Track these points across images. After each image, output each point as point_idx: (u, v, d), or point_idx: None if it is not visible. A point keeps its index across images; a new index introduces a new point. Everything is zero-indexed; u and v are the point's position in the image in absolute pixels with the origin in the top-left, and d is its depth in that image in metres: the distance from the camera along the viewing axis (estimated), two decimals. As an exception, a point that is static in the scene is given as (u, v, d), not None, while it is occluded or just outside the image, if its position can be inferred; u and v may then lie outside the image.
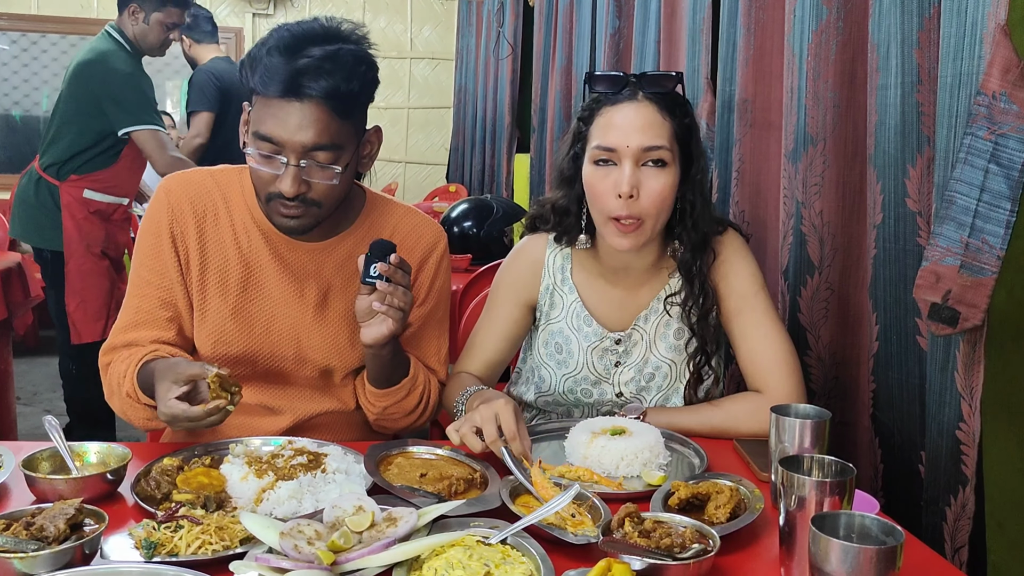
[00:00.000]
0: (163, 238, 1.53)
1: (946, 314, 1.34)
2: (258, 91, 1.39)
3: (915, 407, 1.50)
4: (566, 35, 3.83)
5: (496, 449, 1.33)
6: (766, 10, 1.99)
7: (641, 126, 1.52)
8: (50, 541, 1.02)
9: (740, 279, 1.62)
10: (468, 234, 3.54)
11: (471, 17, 6.32)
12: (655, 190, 1.52)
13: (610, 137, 1.53)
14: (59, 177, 3.33)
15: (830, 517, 0.98)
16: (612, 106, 1.56)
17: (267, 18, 6.83)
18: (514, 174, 5.13)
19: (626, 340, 1.65)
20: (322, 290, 1.57)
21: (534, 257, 1.71)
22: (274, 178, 1.41)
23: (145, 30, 3.40)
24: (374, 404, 1.58)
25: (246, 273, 1.54)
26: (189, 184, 1.56)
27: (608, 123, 1.55)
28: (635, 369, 1.65)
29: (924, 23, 1.43)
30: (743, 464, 1.44)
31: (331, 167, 1.41)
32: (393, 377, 1.55)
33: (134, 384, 1.43)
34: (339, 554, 1.01)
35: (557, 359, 1.68)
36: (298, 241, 1.55)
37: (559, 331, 1.68)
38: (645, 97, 1.55)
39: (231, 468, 1.28)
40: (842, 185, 1.69)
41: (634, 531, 1.07)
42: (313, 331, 1.57)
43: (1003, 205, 1.26)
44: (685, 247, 1.61)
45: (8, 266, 3.40)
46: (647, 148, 1.51)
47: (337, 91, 1.37)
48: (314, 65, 1.36)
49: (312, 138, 1.38)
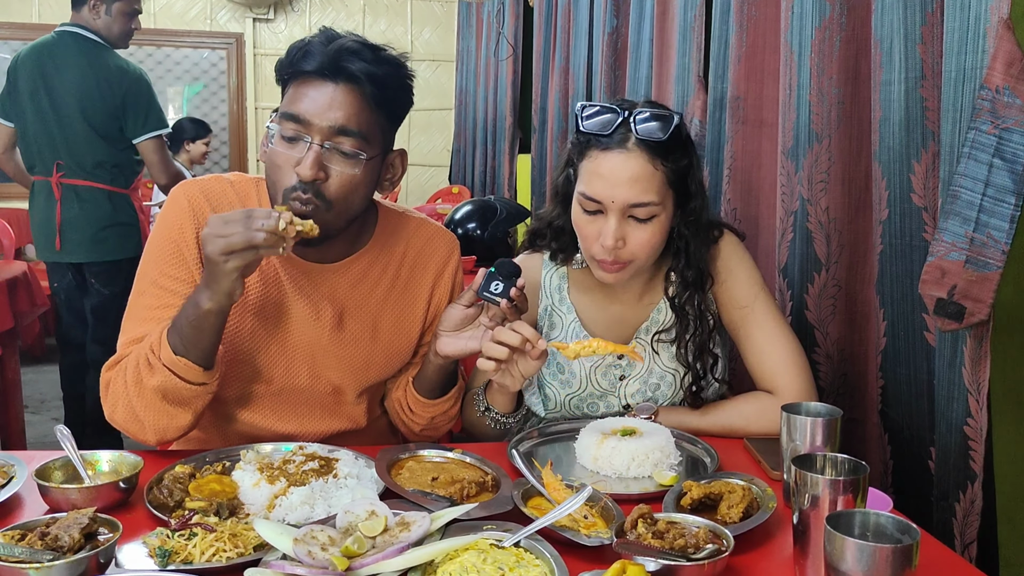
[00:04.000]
0: (187, 244, 1.44)
1: (952, 309, 1.33)
2: (295, 72, 1.38)
3: (924, 403, 1.50)
4: (565, 35, 3.83)
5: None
6: (759, 7, 1.99)
7: (629, 179, 1.45)
8: (65, 551, 1.02)
9: (740, 285, 1.60)
10: (472, 236, 3.54)
11: (471, 19, 6.32)
12: (641, 240, 1.49)
13: (596, 187, 1.47)
14: (125, 186, 3.43)
15: (845, 516, 0.98)
16: (601, 151, 1.47)
17: (268, 23, 6.84)
18: (516, 175, 5.13)
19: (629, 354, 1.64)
20: (337, 311, 1.53)
21: (530, 278, 1.67)
22: (292, 167, 1.35)
23: (109, 22, 3.37)
24: (421, 415, 1.57)
25: (263, 292, 1.49)
26: (210, 192, 1.49)
27: (595, 170, 1.47)
28: (640, 381, 1.64)
29: (927, 18, 1.43)
30: (754, 463, 1.44)
31: (355, 155, 1.36)
32: (447, 387, 1.55)
33: (162, 337, 1.33)
34: (353, 560, 1.02)
35: (560, 379, 1.66)
36: (312, 263, 1.51)
37: None
38: (638, 144, 1.46)
39: (243, 475, 1.28)
40: (847, 181, 1.69)
41: (647, 532, 1.07)
42: (329, 351, 1.53)
43: (1007, 199, 1.26)
44: (679, 283, 1.59)
45: (15, 275, 3.41)
46: (634, 204, 1.46)
47: (375, 76, 1.36)
48: (356, 48, 1.36)
49: (341, 120, 1.35)
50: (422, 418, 1.57)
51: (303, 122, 1.35)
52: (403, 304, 1.58)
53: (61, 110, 3.31)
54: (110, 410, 1.42)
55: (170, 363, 1.33)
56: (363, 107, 1.36)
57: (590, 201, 1.48)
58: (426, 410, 1.56)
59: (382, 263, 1.57)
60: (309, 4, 6.92)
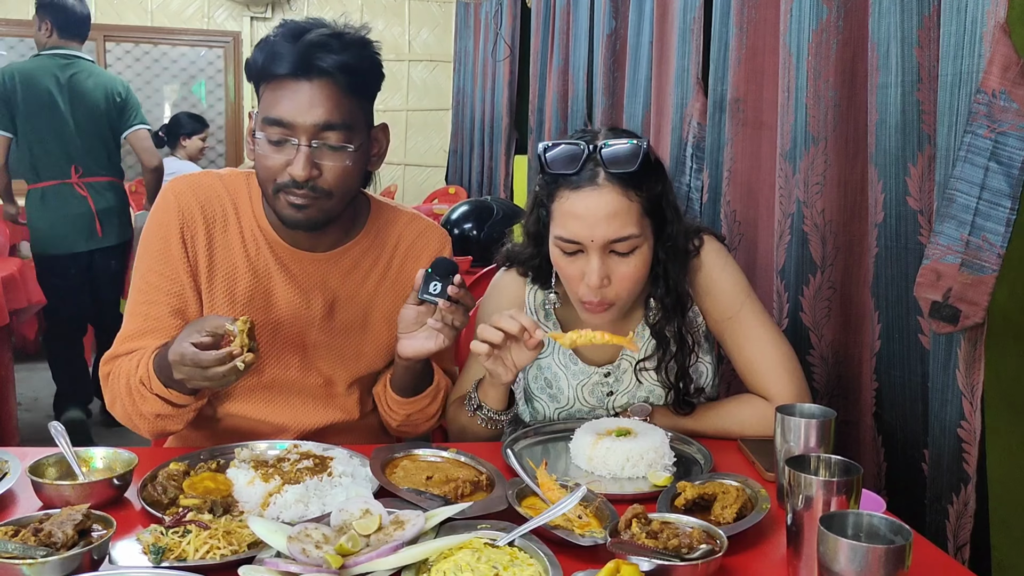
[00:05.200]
0: (172, 241, 1.49)
1: (947, 312, 1.34)
2: (267, 76, 1.39)
3: (918, 405, 1.51)
4: (563, 36, 3.83)
5: None
6: (759, 9, 1.99)
7: (606, 216, 1.40)
8: (59, 547, 1.02)
9: (724, 294, 1.57)
10: (468, 236, 3.54)
11: (469, 19, 6.32)
12: (627, 275, 1.45)
13: (572, 229, 1.42)
14: (122, 177, 4.00)
15: (838, 516, 0.98)
16: (572, 191, 1.42)
17: (265, 22, 6.83)
18: (513, 175, 5.13)
19: (615, 371, 1.62)
20: (328, 300, 1.55)
21: (513, 294, 1.66)
22: (283, 166, 1.39)
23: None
24: (398, 412, 1.58)
25: (254, 282, 1.52)
26: (199, 187, 1.53)
27: (569, 212, 1.43)
28: (628, 395, 1.62)
29: (924, 21, 1.43)
30: (748, 464, 1.44)
31: (343, 147, 1.39)
32: (420, 386, 1.55)
33: (149, 369, 1.38)
34: (347, 558, 1.02)
35: (548, 393, 1.65)
36: (304, 251, 1.54)
37: (547, 366, 1.64)
38: (608, 179, 1.41)
39: (237, 472, 1.28)
40: (843, 184, 1.70)
41: (641, 532, 1.07)
42: (320, 341, 1.56)
43: (1003, 203, 1.26)
44: (658, 309, 1.56)
45: (10, 273, 3.40)
46: (614, 240, 1.42)
47: (347, 65, 1.38)
48: (322, 41, 1.37)
49: (323, 116, 1.37)
50: (399, 415, 1.58)
51: (287, 125, 1.37)
52: (394, 296, 1.59)
53: (79, 118, 3.73)
54: (109, 402, 1.49)
55: (160, 392, 1.39)
56: (341, 98, 1.39)
57: (569, 243, 1.45)
58: (402, 407, 1.57)
59: (374, 254, 1.59)
60: (306, 3, 6.92)
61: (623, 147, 1.42)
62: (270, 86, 1.40)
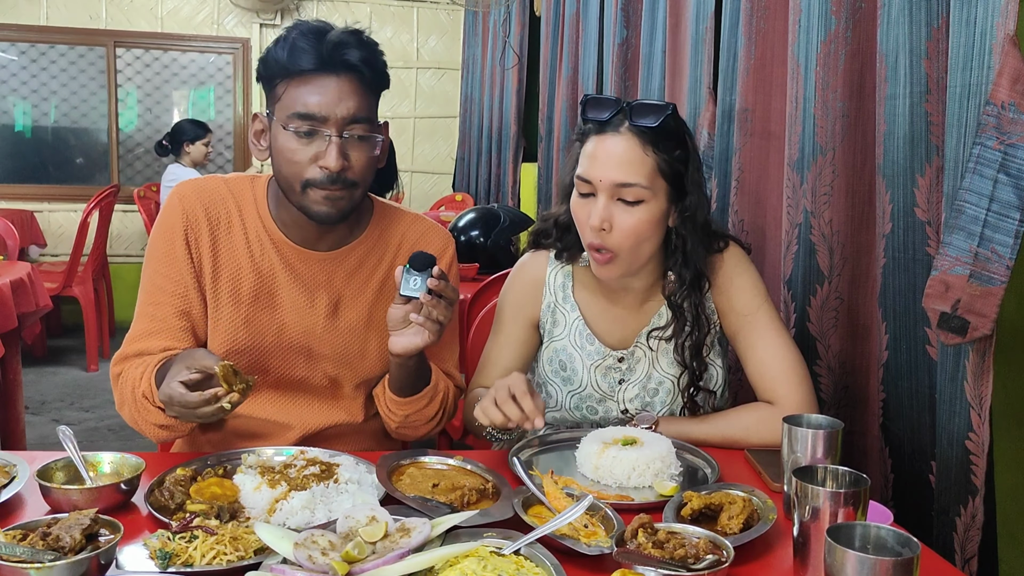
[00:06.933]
0: (177, 244, 1.53)
1: (955, 323, 1.34)
2: (291, 72, 1.42)
3: (925, 417, 1.50)
4: (572, 45, 3.84)
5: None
6: (768, 19, 1.99)
7: (618, 161, 1.50)
8: (66, 551, 1.03)
9: (742, 294, 1.61)
10: (475, 243, 3.54)
11: (477, 27, 6.34)
12: (627, 225, 1.51)
13: (587, 168, 1.52)
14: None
15: (845, 528, 0.98)
16: (598, 135, 1.53)
17: (274, 29, 6.85)
18: (521, 183, 5.14)
19: (629, 358, 1.65)
20: (333, 300, 1.58)
21: (535, 275, 1.71)
22: (311, 160, 1.43)
23: None
24: (396, 412, 1.58)
25: (258, 282, 1.55)
26: (203, 191, 1.56)
27: (590, 153, 1.53)
28: (639, 386, 1.65)
29: (932, 33, 1.43)
30: (755, 474, 1.44)
31: (371, 137, 1.45)
32: (417, 386, 1.55)
33: (151, 384, 1.42)
34: (353, 565, 1.02)
35: (562, 376, 1.68)
36: (309, 251, 1.56)
37: (563, 348, 1.68)
38: (630, 129, 1.51)
39: (244, 478, 1.28)
40: (851, 194, 1.70)
41: (648, 542, 1.07)
42: (324, 341, 1.57)
43: (1012, 215, 1.26)
44: (676, 281, 1.60)
45: (19, 276, 3.41)
46: (620, 184, 1.49)
47: (370, 61, 1.44)
48: (344, 39, 1.43)
49: (353, 109, 1.42)
50: (398, 415, 1.59)
51: (319, 118, 1.41)
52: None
53: None
54: (118, 404, 1.51)
55: (161, 407, 1.40)
56: (364, 92, 1.45)
57: (583, 183, 1.53)
58: (400, 408, 1.57)
59: (377, 254, 1.61)
60: (315, 10, 6.95)
61: (650, 104, 1.53)
62: (293, 82, 1.42)
